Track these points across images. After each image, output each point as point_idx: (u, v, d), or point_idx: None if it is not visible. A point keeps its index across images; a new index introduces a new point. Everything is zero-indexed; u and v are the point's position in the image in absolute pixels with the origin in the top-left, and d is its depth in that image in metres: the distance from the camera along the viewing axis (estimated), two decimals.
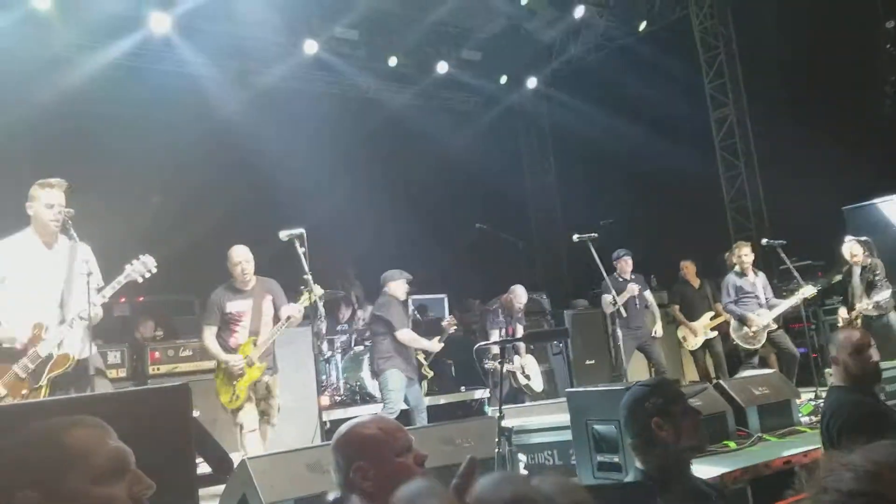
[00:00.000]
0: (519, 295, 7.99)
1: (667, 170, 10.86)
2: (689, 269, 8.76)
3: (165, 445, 1.92)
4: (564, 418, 4.19)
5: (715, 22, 11.13)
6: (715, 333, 8.42)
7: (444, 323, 7.17)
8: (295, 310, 5.22)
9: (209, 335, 5.33)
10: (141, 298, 9.03)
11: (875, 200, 8.98)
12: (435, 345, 6.87)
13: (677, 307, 8.66)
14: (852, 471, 0.80)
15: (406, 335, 6.47)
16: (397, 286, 6.61)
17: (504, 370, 7.00)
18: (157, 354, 7.16)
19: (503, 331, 7.91)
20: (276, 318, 5.36)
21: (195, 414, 4.82)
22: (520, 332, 7.88)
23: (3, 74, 8.59)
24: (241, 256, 5.33)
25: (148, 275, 4.29)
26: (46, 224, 4.11)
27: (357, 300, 9.40)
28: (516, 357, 7.89)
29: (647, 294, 8.15)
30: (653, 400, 2.43)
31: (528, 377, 7.90)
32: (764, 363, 8.10)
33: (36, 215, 4.13)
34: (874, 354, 3.17)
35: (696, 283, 8.70)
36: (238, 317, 5.33)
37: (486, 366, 7.73)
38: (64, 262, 4.10)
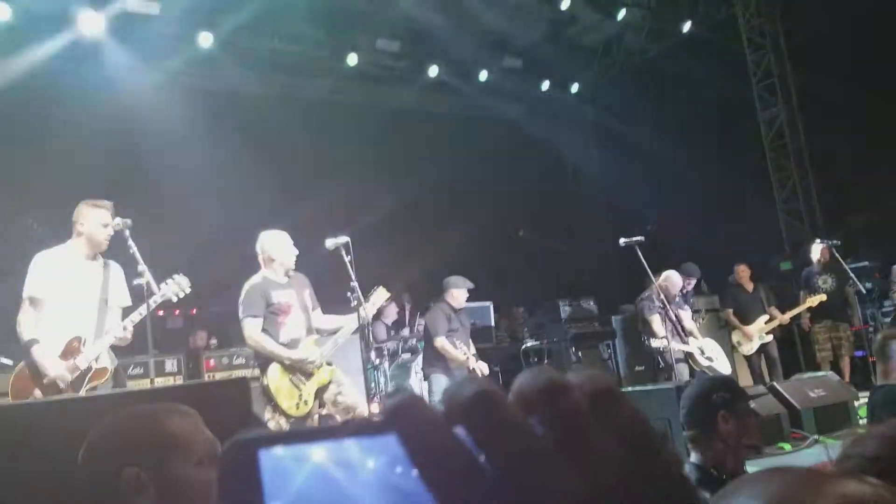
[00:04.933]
0: (675, 282, 7.42)
1: (715, 172, 10.68)
2: (743, 272, 8.55)
3: (228, 437, 1.96)
4: None
5: (763, 20, 10.92)
6: (770, 338, 8.21)
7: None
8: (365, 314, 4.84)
9: (256, 329, 4.62)
10: (194, 311, 9.29)
11: None
12: (459, 356, 6.48)
13: (731, 311, 8.48)
14: (876, 438, 0.83)
15: (439, 342, 6.46)
16: (458, 294, 6.66)
17: (679, 350, 6.79)
18: (212, 362, 7.32)
19: (667, 314, 7.19)
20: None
21: None
22: (683, 316, 7.41)
23: (57, 97, 8.94)
24: (290, 242, 4.91)
25: (182, 294, 4.27)
26: (100, 243, 4.16)
27: (407, 310, 9.54)
28: (691, 339, 7.26)
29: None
30: (721, 393, 2.44)
31: (710, 359, 7.24)
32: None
33: (88, 233, 4.15)
34: None
35: (749, 286, 8.49)
36: (285, 308, 4.74)
37: (652, 344, 7.21)
38: (101, 279, 4.16)
